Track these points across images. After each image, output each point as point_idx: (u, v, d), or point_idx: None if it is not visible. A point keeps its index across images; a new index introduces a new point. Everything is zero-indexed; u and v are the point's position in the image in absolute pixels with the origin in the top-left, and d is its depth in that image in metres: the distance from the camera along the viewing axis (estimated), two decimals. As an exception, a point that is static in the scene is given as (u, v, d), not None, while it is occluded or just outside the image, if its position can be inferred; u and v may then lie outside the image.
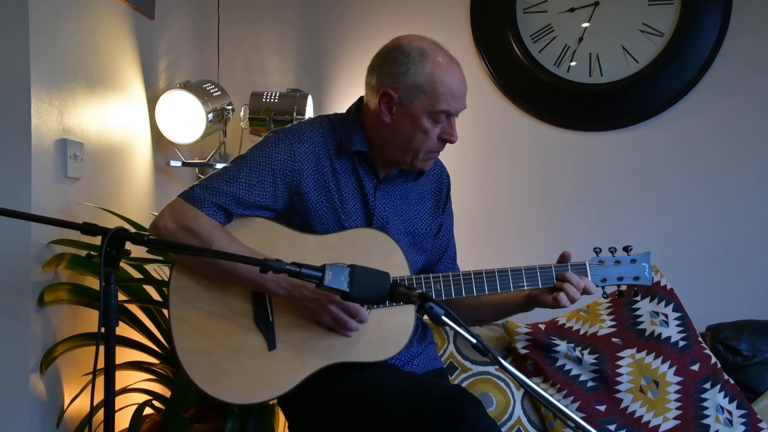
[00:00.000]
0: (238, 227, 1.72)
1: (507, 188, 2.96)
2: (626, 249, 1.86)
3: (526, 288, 1.80)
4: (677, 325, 2.47)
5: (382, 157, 1.82)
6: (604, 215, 2.90)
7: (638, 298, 2.50)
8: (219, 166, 2.84)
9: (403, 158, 1.79)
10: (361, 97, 1.86)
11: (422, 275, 1.78)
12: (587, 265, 1.84)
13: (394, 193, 1.87)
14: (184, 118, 2.69)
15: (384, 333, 1.74)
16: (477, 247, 2.90)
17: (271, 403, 2.21)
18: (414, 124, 1.74)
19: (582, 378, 2.38)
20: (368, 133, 1.81)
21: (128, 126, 2.57)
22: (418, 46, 1.74)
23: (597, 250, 1.86)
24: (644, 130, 2.88)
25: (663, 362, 2.40)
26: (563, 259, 1.84)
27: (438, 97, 1.72)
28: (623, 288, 1.89)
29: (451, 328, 1.33)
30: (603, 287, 1.85)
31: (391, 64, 1.74)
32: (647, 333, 2.45)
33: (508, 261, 1.89)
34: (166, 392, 2.32)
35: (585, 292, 1.80)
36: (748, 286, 2.79)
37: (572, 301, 1.78)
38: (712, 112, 2.82)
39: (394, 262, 1.76)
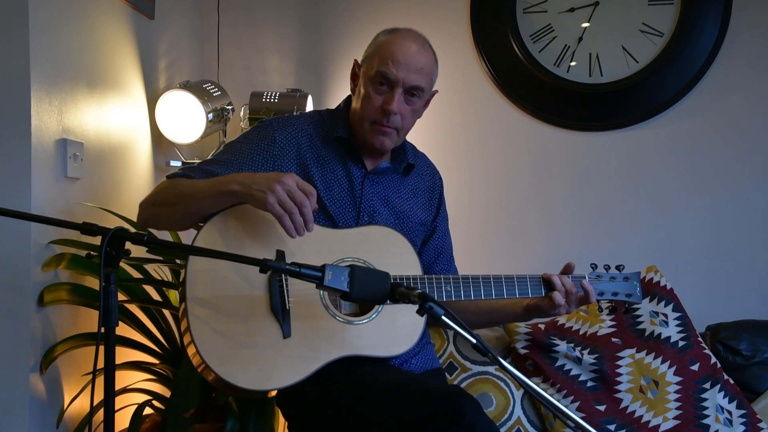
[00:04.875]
0: (259, 217, 1.71)
1: (506, 188, 2.96)
2: (618, 267, 1.92)
3: (531, 295, 1.83)
4: (677, 325, 2.47)
5: (363, 145, 1.86)
6: (605, 215, 2.90)
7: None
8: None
9: (360, 131, 1.84)
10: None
11: (433, 276, 1.79)
12: (586, 278, 1.88)
13: (383, 184, 1.90)
14: (184, 118, 2.69)
15: (396, 330, 1.75)
16: (476, 247, 2.90)
17: (272, 395, 2.20)
18: (363, 90, 1.81)
19: (582, 378, 2.38)
20: (351, 121, 1.87)
21: (128, 126, 2.57)
22: (395, 27, 1.82)
23: (593, 266, 1.91)
24: (644, 130, 2.88)
25: (663, 362, 2.40)
26: (567, 269, 1.87)
27: (379, 60, 1.77)
28: (614, 303, 1.94)
29: (451, 328, 1.33)
30: (599, 301, 1.90)
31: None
32: (647, 333, 2.45)
33: (510, 262, 1.90)
34: (166, 392, 2.33)
35: (584, 299, 1.84)
36: (748, 286, 2.79)
37: (568, 297, 1.81)
38: (712, 113, 2.83)
39: (407, 261, 1.80)
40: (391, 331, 1.75)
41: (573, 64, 2.88)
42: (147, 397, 2.29)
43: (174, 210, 1.72)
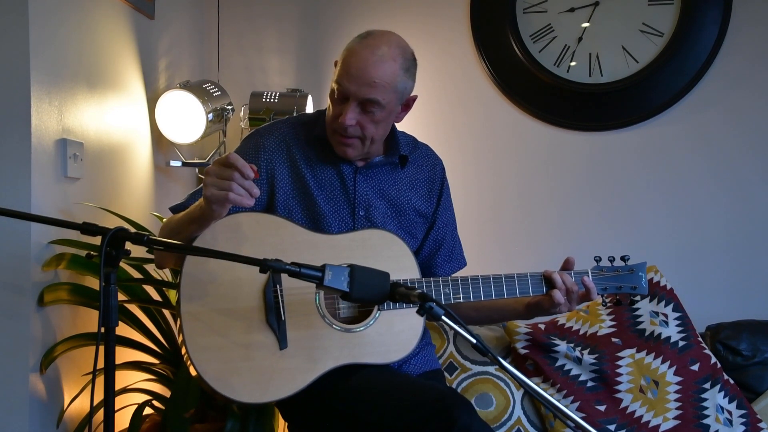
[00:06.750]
0: (253, 226, 1.72)
1: (507, 188, 2.96)
2: (624, 258, 1.87)
3: (532, 293, 1.82)
4: (677, 325, 2.47)
5: None
6: (604, 215, 2.90)
7: (638, 301, 2.50)
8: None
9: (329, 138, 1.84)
10: None
11: (431, 279, 1.78)
12: (589, 273, 1.85)
13: (378, 178, 1.89)
14: (184, 118, 2.69)
15: (394, 335, 1.75)
16: (476, 247, 2.90)
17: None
18: (329, 97, 1.81)
19: (582, 378, 2.38)
20: None
21: (128, 126, 2.57)
22: (369, 31, 1.78)
23: (597, 259, 1.87)
24: (644, 130, 2.88)
25: (663, 362, 2.40)
26: (566, 265, 1.85)
27: (339, 70, 1.76)
28: (619, 296, 1.90)
29: (451, 328, 1.33)
30: (603, 295, 1.87)
31: None
32: (647, 333, 2.45)
33: (509, 264, 1.90)
34: (166, 392, 2.32)
35: (585, 297, 1.82)
36: (748, 286, 2.79)
37: (569, 294, 1.79)
38: (711, 113, 2.83)
39: (404, 265, 1.79)
40: (390, 337, 1.74)
41: (573, 64, 2.88)
42: (147, 397, 2.29)
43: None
